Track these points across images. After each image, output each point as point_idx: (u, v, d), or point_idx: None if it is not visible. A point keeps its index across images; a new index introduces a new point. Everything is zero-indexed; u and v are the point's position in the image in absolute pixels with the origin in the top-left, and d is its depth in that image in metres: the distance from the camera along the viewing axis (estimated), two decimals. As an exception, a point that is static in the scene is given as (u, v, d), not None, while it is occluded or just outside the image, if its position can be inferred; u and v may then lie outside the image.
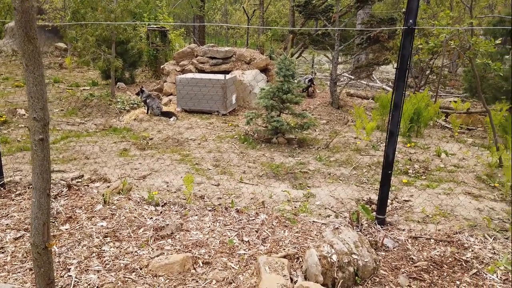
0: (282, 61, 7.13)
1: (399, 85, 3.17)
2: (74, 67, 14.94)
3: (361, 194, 4.93)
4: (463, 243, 3.21)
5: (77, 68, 15.02)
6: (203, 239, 3.29)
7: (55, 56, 16.87)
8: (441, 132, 8.49)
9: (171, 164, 5.84)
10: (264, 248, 3.19)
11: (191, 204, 4.10)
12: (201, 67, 10.51)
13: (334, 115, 9.81)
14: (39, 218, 1.85)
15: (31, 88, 1.74)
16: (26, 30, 1.67)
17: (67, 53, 16.56)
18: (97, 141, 6.87)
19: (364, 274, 2.72)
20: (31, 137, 1.80)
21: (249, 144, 7.08)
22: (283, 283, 2.57)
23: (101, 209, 3.61)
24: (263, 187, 5.12)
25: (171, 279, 2.72)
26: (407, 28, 3.04)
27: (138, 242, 3.17)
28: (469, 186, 5.18)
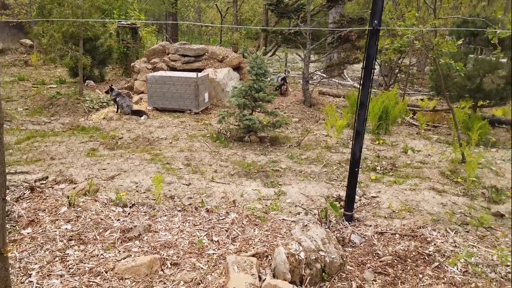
0: (254, 60, 7.13)
1: (365, 83, 3.24)
2: (41, 65, 14.43)
3: (330, 191, 5.01)
4: (426, 237, 3.32)
5: (43, 65, 14.51)
6: (172, 240, 3.25)
7: (20, 53, 16.24)
8: (409, 130, 8.74)
9: (140, 164, 5.74)
10: (234, 247, 3.19)
11: (160, 204, 4.04)
12: (172, 65, 10.37)
13: (306, 113, 9.91)
14: (-7, 223, 1.78)
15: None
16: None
17: (33, 50, 15.96)
18: (63, 141, 6.67)
19: (331, 270, 2.76)
20: (-17, 139, 1.73)
21: (221, 143, 7.05)
22: (251, 282, 2.58)
23: (66, 212, 3.50)
24: (234, 186, 5.11)
25: (138, 281, 2.67)
26: (372, 28, 3.11)
27: (104, 245, 3.10)
28: (433, 182, 5.36)
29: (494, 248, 3.20)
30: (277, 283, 2.54)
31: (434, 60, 5.31)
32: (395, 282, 2.74)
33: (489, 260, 3.00)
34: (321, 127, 8.63)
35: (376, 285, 2.72)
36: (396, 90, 11.06)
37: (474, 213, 4.31)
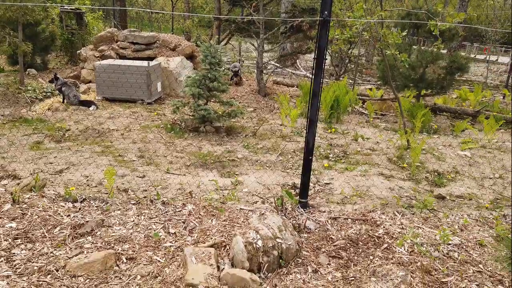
0: (207, 49, 7.03)
1: (317, 73, 3.32)
2: (-26, 51, 13.27)
3: (286, 180, 5.11)
4: (376, 220, 3.50)
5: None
6: (127, 234, 3.17)
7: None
8: (359, 118, 9.09)
9: (91, 157, 5.51)
10: (191, 238, 3.18)
11: (113, 198, 3.91)
12: (122, 53, 9.98)
13: (261, 102, 9.98)
14: None
15: None
16: None
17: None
18: (4, 134, 6.23)
19: (288, 257, 2.84)
20: None
21: (176, 134, 6.93)
22: (210, 272, 2.59)
23: (10, 209, 3.29)
24: (190, 177, 5.07)
25: (92, 278, 2.59)
26: (323, 19, 3.17)
27: (54, 242, 2.96)
28: (382, 168, 5.64)
29: (436, 228, 3.44)
30: (236, 272, 2.57)
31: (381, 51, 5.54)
32: (348, 265, 2.87)
33: (433, 239, 3.23)
34: (275, 116, 8.73)
35: (331, 268, 2.84)
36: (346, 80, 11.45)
37: (418, 196, 4.60)
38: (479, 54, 23.94)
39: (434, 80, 8.56)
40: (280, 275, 2.74)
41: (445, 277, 2.75)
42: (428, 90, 9.15)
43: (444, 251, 3.07)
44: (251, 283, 2.56)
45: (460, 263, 2.94)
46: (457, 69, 8.60)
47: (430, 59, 8.34)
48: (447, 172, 5.51)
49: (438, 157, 6.16)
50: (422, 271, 2.75)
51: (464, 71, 8.81)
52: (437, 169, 5.57)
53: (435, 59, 8.37)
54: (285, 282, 2.67)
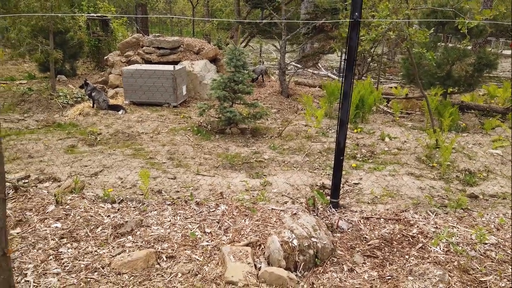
0: (232, 51, 7.14)
1: (348, 74, 3.34)
2: (7, 60, 13.84)
3: (314, 180, 5.14)
4: (409, 220, 3.50)
5: (10, 60, 13.92)
6: (165, 233, 3.28)
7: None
8: (384, 117, 9.01)
9: (123, 160, 5.68)
10: (227, 238, 3.26)
11: (149, 199, 4.05)
12: (148, 58, 10.21)
13: (284, 104, 10.02)
14: (-4, 224, 1.76)
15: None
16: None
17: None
18: (40, 139, 6.49)
19: (323, 256, 2.88)
20: (-17, 140, 1.70)
21: (203, 136, 7.06)
22: (248, 270, 2.66)
23: (54, 210, 3.46)
24: (220, 178, 5.16)
25: (136, 275, 2.70)
26: (353, 20, 3.20)
27: (97, 241, 3.09)
28: (411, 167, 5.59)
29: (472, 227, 3.41)
30: (273, 270, 2.63)
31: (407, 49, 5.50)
32: (384, 264, 2.89)
33: (468, 239, 3.20)
34: (299, 117, 8.76)
35: (366, 267, 2.86)
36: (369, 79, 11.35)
37: (450, 195, 4.55)
38: (505, 49, 23.25)
39: (461, 77, 8.41)
40: (316, 273, 2.79)
41: (483, 276, 2.73)
42: (455, 88, 8.98)
43: (481, 250, 3.04)
44: (289, 281, 2.62)
45: (498, 263, 2.91)
46: (485, 65, 8.42)
47: (457, 56, 8.19)
48: (478, 171, 5.41)
49: (469, 155, 6.05)
50: (459, 270, 2.74)
51: (492, 68, 8.61)
52: (468, 168, 5.48)
53: (462, 56, 8.22)
54: (321, 281, 2.72)
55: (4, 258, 1.80)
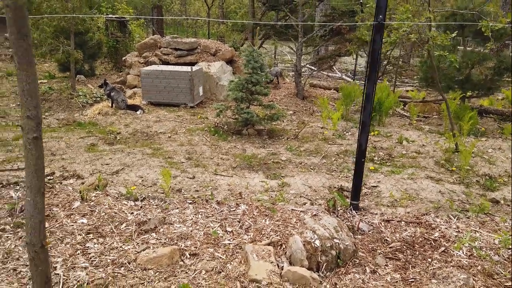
0: (250, 53, 7.19)
1: (371, 77, 3.36)
2: (27, 59, 14.15)
3: (332, 182, 5.14)
4: (431, 223, 3.49)
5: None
6: (187, 231, 3.33)
7: (5, 48, 15.87)
8: (401, 120, 8.95)
9: (143, 158, 5.77)
10: (248, 237, 3.29)
11: (170, 197, 4.11)
12: (165, 59, 10.33)
13: (300, 105, 10.03)
14: (35, 217, 1.83)
15: (24, 86, 1.71)
16: (19, 27, 1.63)
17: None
18: (61, 137, 6.63)
19: (345, 257, 2.90)
20: (25, 136, 1.77)
21: (220, 136, 7.12)
22: (272, 269, 2.69)
23: (79, 206, 3.54)
24: (238, 178, 5.21)
25: (161, 271, 2.75)
26: (378, 23, 3.21)
27: (122, 237, 3.16)
28: (430, 171, 5.55)
29: (495, 232, 3.38)
30: (297, 270, 2.66)
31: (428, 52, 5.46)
32: (406, 266, 2.89)
33: (492, 244, 3.18)
34: (315, 119, 8.76)
35: (388, 269, 2.87)
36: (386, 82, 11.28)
37: (472, 200, 4.51)
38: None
39: (480, 81, 8.30)
40: (338, 274, 2.80)
41: (508, 281, 2.71)
42: (474, 92, 8.87)
43: (505, 255, 3.02)
44: (312, 281, 2.64)
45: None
46: (506, 69, 8.30)
47: (477, 60, 8.09)
48: (499, 176, 5.35)
49: (488, 160, 5.98)
50: (484, 274, 2.73)
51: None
52: (488, 172, 5.42)
53: (482, 60, 8.12)
54: (344, 282, 2.73)
55: (43, 250, 1.87)
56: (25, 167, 1.82)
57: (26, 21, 1.65)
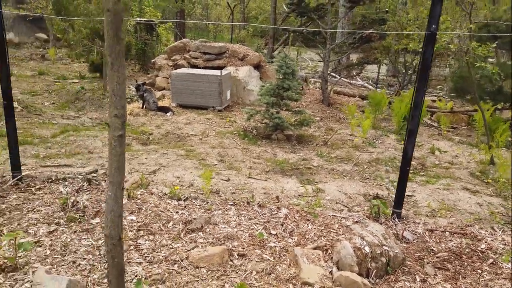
0: (283, 59, 7.25)
1: (420, 86, 3.37)
2: (57, 59, 14.54)
3: (366, 190, 5.14)
4: (476, 235, 3.46)
5: (60, 60, 14.62)
6: (232, 232, 3.39)
7: (36, 47, 16.34)
8: (429, 130, 8.87)
9: (177, 159, 5.86)
10: (292, 240, 3.33)
11: (210, 198, 4.18)
12: (194, 62, 10.49)
13: (326, 112, 10.03)
14: (115, 211, 1.91)
15: (115, 86, 1.80)
16: (116, 31, 1.72)
17: (48, 44, 16.08)
18: (97, 135, 6.79)
19: (395, 265, 2.90)
20: (111, 133, 1.86)
21: (250, 140, 7.19)
22: (323, 273, 2.71)
23: (127, 203, 3.64)
24: (272, 182, 5.25)
25: (213, 270, 2.81)
26: (430, 33, 3.23)
27: (171, 235, 3.23)
28: (465, 182, 5.49)
29: (543, 246, 3.34)
30: (349, 275, 2.68)
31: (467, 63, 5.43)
32: (456, 277, 2.88)
33: (541, 257, 3.14)
34: (342, 126, 8.76)
35: (438, 279, 2.86)
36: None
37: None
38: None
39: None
40: (388, 281, 2.81)
41: (563, 297, 2.67)
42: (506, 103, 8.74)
43: (557, 270, 2.98)
44: (363, 287, 2.65)
45: None
46: (540, 82, 8.16)
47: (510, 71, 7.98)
48: (537, 190, 5.26)
49: (525, 173, 5.88)
50: (538, 288, 2.70)
51: (547, 84, 8.33)
52: (526, 186, 5.33)
53: (515, 72, 8.00)
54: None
55: (119, 243, 1.94)
56: (108, 163, 1.90)
57: (121, 25, 1.74)
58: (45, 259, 2.73)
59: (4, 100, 3.63)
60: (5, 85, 3.58)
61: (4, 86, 3.58)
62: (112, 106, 1.83)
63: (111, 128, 1.84)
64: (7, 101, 3.62)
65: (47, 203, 3.55)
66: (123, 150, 1.90)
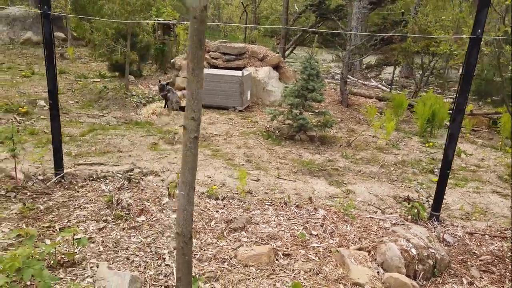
0: (307, 60, 7.29)
1: (464, 89, 3.38)
2: (76, 58, 14.72)
3: (396, 192, 5.16)
4: (516, 238, 3.47)
5: (78, 59, 14.79)
6: (274, 232, 3.44)
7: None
8: (451, 133, 8.83)
9: (205, 159, 5.93)
10: (334, 241, 3.37)
11: (245, 198, 4.23)
12: (213, 63, 10.56)
13: (346, 113, 10.05)
14: (187, 210, 1.96)
15: (194, 90, 1.86)
16: (199, 37, 1.78)
17: (66, 43, 16.29)
18: (124, 135, 6.88)
19: (441, 267, 2.93)
20: (187, 135, 1.91)
21: (274, 141, 7.23)
22: (372, 274, 2.75)
23: (169, 202, 3.71)
24: (301, 183, 5.29)
25: (262, 269, 2.86)
26: (475, 37, 3.25)
27: (215, 234, 3.29)
28: (494, 185, 5.48)
29: None
30: (398, 277, 2.71)
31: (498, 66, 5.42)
32: (502, 280, 2.89)
33: None
34: (363, 127, 8.77)
35: (484, 281, 2.88)
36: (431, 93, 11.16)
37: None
38: None
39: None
40: (435, 284, 2.84)
41: None
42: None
43: None
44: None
45: None
46: None
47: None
48: None
49: (554, 178, 5.85)
50: None
51: None
52: (556, 190, 5.31)
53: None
54: (442, 291, 2.77)
55: (191, 241, 2.00)
56: (182, 164, 1.96)
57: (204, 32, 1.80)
58: (99, 255, 2.81)
59: (50, 100, 3.72)
60: (52, 86, 3.67)
61: (51, 86, 3.67)
62: (189, 109, 1.89)
63: (187, 130, 1.90)
64: (53, 101, 3.71)
65: (91, 200, 3.63)
66: (196, 151, 1.95)
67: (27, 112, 7.45)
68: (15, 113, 7.31)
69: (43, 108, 7.84)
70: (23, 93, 8.97)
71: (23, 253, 1.83)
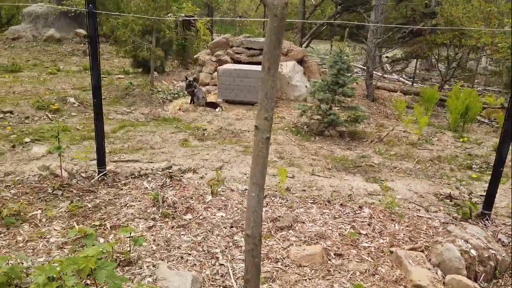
0: (337, 55, 7.17)
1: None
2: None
3: (436, 189, 5.02)
4: None
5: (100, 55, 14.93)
6: (321, 230, 3.37)
7: (76, 43, 16.73)
8: (482, 127, 8.60)
9: (237, 156, 5.89)
10: (384, 241, 3.29)
11: (285, 195, 4.18)
12: (237, 58, 10.50)
13: (373, 108, 9.88)
14: (257, 211, 1.92)
15: (268, 90, 1.80)
16: (278, 36, 1.72)
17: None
18: (154, 131, 6.90)
19: (501, 268, 2.83)
20: (259, 135, 1.86)
21: (303, 137, 7.15)
22: (432, 276, 2.67)
23: (213, 200, 3.68)
24: (337, 180, 5.20)
25: (316, 269, 2.81)
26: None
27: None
28: (538, 182, 5.30)
29: None
30: (461, 279, 2.62)
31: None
32: None
33: None
34: (392, 122, 8.60)
35: (549, 284, 2.77)
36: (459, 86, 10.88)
37: None
38: None
39: None
40: (498, 286, 2.74)
41: None
42: None
43: None
44: (475, 291, 2.60)
45: None
46: None
47: None
48: None
49: None
50: None
51: None
52: None
53: None
54: (506, 294, 2.67)
55: (260, 243, 1.96)
56: (253, 165, 1.91)
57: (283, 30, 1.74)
58: (153, 254, 2.79)
59: (94, 98, 3.72)
60: (96, 83, 3.67)
61: (95, 84, 3.66)
62: (263, 109, 1.84)
63: (260, 130, 1.85)
64: (96, 99, 3.71)
65: (137, 198, 3.63)
66: (267, 152, 1.90)
67: (58, 109, 7.54)
68: (46, 110, 7.40)
69: (73, 105, 7.92)
70: (51, 90, 9.09)
71: (95, 253, 1.82)
